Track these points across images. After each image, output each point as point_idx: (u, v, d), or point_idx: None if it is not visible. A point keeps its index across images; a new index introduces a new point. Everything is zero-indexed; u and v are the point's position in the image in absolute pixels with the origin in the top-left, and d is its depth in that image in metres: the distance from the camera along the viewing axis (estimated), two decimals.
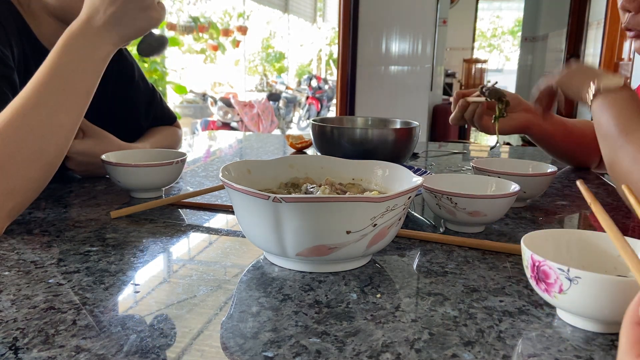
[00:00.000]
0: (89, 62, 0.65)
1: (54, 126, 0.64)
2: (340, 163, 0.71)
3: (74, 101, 0.66)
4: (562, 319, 0.48)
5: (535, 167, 0.91)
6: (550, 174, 0.84)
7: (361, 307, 0.49)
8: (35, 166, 0.65)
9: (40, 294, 0.50)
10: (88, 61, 0.65)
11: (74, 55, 0.64)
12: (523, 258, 0.50)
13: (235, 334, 0.44)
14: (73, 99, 0.66)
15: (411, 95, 3.73)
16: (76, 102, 0.66)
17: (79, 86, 0.65)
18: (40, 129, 0.63)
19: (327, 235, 0.52)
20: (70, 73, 0.64)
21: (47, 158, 0.66)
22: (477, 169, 0.87)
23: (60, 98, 0.65)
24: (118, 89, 1.02)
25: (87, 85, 0.66)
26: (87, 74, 0.65)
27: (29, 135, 0.63)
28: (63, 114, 0.65)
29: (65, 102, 0.65)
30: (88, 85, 0.66)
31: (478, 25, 9.13)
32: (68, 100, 0.65)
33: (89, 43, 0.64)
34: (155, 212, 0.78)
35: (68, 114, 0.66)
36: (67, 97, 0.65)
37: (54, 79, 0.64)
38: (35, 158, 0.64)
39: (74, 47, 0.64)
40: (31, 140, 0.63)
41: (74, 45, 0.64)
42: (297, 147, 1.38)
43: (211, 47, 8.88)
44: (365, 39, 3.68)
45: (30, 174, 0.64)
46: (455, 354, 0.41)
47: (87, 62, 0.65)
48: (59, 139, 0.66)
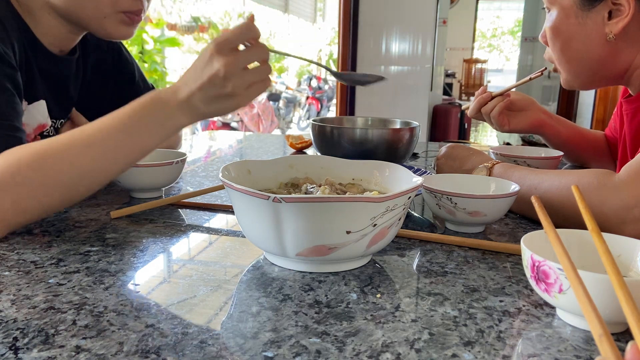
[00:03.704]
0: (159, 128, 0.64)
1: (95, 171, 0.64)
2: (340, 163, 0.71)
3: (128, 156, 0.65)
4: (562, 319, 0.48)
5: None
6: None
7: (361, 307, 0.49)
8: (58, 198, 0.64)
9: (40, 294, 0.50)
10: (159, 127, 0.64)
11: (149, 117, 0.64)
12: (523, 258, 0.50)
13: (235, 334, 0.44)
14: (128, 154, 0.65)
15: (411, 95, 3.73)
16: (130, 157, 0.66)
17: (139, 145, 0.65)
18: (81, 169, 0.63)
19: (327, 235, 0.52)
20: (137, 131, 0.64)
21: (73, 196, 0.65)
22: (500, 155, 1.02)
23: (116, 149, 0.64)
24: (119, 90, 1.02)
25: (147, 147, 0.65)
26: (153, 137, 0.65)
27: (68, 171, 0.63)
28: (111, 163, 0.65)
29: (119, 154, 0.64)
30: (148, 148, 0.66)
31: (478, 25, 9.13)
32: (123, 153, 0.65)
33: (168, 111, 0.63)
34: (155, 212, 0.78)
35: (115, 165, 0.65)
36: (124, 151, 0.65)
37: (119, 131, 0.63)
38: (63, 192, 0.64)
39: (152, 110, 0.64)
40: (67, 176, 0.63)
41: (152, 108, 0.64)
42: (297, 147, 1.38)
43: None
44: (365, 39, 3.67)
45: (51, 203, 0.64)
46: (455, 354, 0.41)
47: (157, 127, 0.64)
48: (93, 184, 0.66)
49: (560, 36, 0.88)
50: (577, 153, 1.19)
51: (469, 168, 0.87)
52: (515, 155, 1.03)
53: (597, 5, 0.83)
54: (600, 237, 0.46)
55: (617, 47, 0.85)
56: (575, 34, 0.86)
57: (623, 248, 0.53)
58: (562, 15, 0.87)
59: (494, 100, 1.11)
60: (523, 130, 1.16)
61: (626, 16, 0.81)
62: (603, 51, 0.85)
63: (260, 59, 0.63)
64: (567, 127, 1.17)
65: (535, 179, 0.75)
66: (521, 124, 1.13)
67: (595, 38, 0.85)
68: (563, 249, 0.44)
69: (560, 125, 1.16)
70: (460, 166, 0.90)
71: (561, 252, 0.43)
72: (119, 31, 0.83)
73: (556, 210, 0.69)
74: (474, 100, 1.14)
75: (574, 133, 1.18)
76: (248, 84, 0.62)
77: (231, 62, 0.60)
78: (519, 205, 0.76)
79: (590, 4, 0.83)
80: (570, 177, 0.71)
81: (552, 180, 0.73)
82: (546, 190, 0.73)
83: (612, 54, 0.86)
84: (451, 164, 0.91)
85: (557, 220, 0.52)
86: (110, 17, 0.80)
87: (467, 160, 0.89)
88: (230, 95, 0.62)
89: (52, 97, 0.87)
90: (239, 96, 0.62)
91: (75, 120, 0.94)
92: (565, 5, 0.86)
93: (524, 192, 0.74)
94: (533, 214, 0.60)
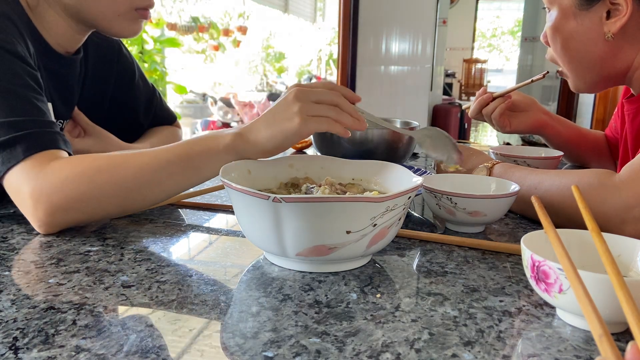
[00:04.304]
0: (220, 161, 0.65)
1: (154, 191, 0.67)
2: (340, 163, 0.71)
3: (190, 183, 0.68)
4: (562, 319, 0.48)
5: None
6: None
7: (361, 307, 0.49)
8: (114, 206, 0.67)
9: (40, 294, 0.50)
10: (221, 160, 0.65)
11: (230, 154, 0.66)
12: (523, 258, 0.50)
13: (235, 334, 0.44)
14: (191, 181, 0.68)
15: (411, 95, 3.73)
16: (191, 183, 0.68)
17: (203, 174, 0.67)
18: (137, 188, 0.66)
19: (327, 235, 0.52)
20: (202, 162, 0.66)
21: (127, 207, 0.68)
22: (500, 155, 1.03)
23: (180, 175, 0.66)
24: (118, 89, 1.02)
25: (207, 176, 0.67)
26: (214, 167, 0.66)
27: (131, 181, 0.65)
28: (170, 186, 0.67)
29: (181, 180, 0.67)
30: (207, 176, 0.67)
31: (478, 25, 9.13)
32: (185, 180, 0.67)
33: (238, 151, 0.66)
34: (155, 212, 0.78)
35: (175, 187, 0.68)
36: (186, 178, 0.67)
37: (186, 159, 0.66)
38: (119, 202, 0.66)
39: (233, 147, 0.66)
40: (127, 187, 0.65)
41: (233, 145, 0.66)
42: (297, 147, 1.38)
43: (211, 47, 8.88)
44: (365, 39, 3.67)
45: (107, 210, 0.67)
46: (455, 354, 0.41)
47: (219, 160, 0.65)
48: (141, 205, 0.69)
49: (560, 36, 0.88)
50: (577, 153, 1.19)
51: (468, 168, 0.87)
52: (515, 155, 1.03)
53: (595, 5, 0.83)
54: (600, 237, 0.46)
55: (616, 46, 0.85)
56: (574, 34, 0.86)
57: (623, 248, 0.53)
58: (561, 15, 0.87)
59: (495, 101, 1.11)
60: (524, 131, 1.16)
61: (624, 16, 0.81)
62: (602, 51, 0.86)
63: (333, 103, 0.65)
64: (567, 128, 1.17)
65: (535, 179, 0.75)
66: (522, 125, 1.13)
67: (593, 38, 0.85)
68: (563, 249, 0.44)
69: (560, 126, 1.16)
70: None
71: (561, 252, 0.43)
72: (130, 28, 0.83)
73: (556, 210, 0.69)
74: (475, 102, 1.14)
75: (575, 133, 1.18)
76: (314, 113, 0.64)
77: (306, 96, 0.64)
78: (519, 205, 0.76)
79: (588, 4, 0.83)
80: (570, 177, 0.71)
81: (553, 180, 0.73)
82: (546, 190, 0.73)
83: (612, 54, 0.86)
84: None
85: (557, 220, 0.52)
86: (123, 15, 0.81)
87: (467, 161, 0.89)
88: (296, 114, 0.63)
89: (58, 97, 0.87)
90: (302, 118, 0.63)
91: (76, 118, 0.93)
92: (564, 5, 0.86)
93: (524, 192, 0.74)
94: (533, 214, 0.60)
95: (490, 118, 1.12)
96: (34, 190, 0.63)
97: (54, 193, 0.63)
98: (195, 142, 0.67)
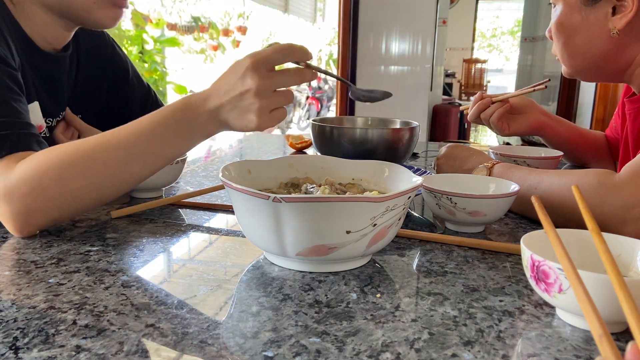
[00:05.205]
0: (187, 134, 0.65)
1: (124, 174, 0.65)
2: (340, 163, 0.71)
3: (157, 160, 0.67)
4: (561, 319, 0.48)
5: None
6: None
7: (361, 307, 0.49)
8: (88, 199, 0.66)
9: (40, 294, 0.50)
10: (187, 132, 0.65)
11: (179, 122, 0.65)
12: (523, 258, 0.50)
13: (235, 334, 0.44)
14: (157, 158, 0.66)
15: (411, 95, 3.73)
16: (158, 161, 0.67)
17: (168, 149, 0.66)
18: (111, 171, 0.64)
19: (327, 235, 0.52)
20: (167, 135, 0.65)
21: (101, 197, 0.67)
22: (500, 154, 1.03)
23: (146, 152, 0.65)
24: (112, 87, 1.02)
25: (176, 151, 0.66)
26: (182, 142, 0.65)
27: (99, 172, 0.64)
28: (140, 167, 0.66)
29: (149, 158, 0.66)
30: (177, 152, 0.66)
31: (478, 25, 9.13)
32: (152, 157, 0.66)
33: (197, 117, 0.64)
34: (155, 212, 0.78)
35: (144, 169, 0.67)
36: (153, 154, 0.66)
37: (149, 135, 0.65)
38: (92, 194, 0.65)
39: (181, 115, 0.65)
40: (98, 177, 0.64)
41: (182, 114, 0.65)
42: (297, 147, 1.38)
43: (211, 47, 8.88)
44: (365, 39, 3.68)
45: (80, 204, 0.66)
46: (455, 354, 0.41)
47: (186, 133, 0.65)
48: (122, 187, 0.67)
49: (564, 31, 0.88)
50: (577, 153, 1.19)
51: (469, 168, 0.87)
52: (515, 155, 1.03)
53: (600, 1, 0.83)
54: (600, 237, 0.46)
55: (621, 43, 0.85)
56: (578, 29, 0.86)
57: (623, 248, 0.53)
58: (567, 11, 0.87)
59: (493, 105, 1.11)
60: (523, 133, 1.16)
61: (630, 12, 0.81)
62: (606, 47, 0.86)
63: (295, 83, 0.63)
64: (567, 128, 1.17)
65: (535, 179, 0.75)
66: (521, 127, 1.13)
67: (598, 33, 0.85)
68: (563, 249, 0.44)
69: (560, 126, 1.16)
70: (461, 166, 0.90)
71: (561, 252, 0.43)
72: (107, 16, 0.82)
73: (556, 210, 0.69)
74: (474, 106, 1.14)
75: (574, 133, 1.18)
76: (273, 107, 0.62)
77: (265, 83, 0.61)
78: (519, 205, 0.76)
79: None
80: (570, 177, 0.71)
81: (552, 180, 0.73)
82: (546, 190, 0.73)
83: (616, 50, 0.86)
84: (451, 164, 0.91)
85: (557, 220, 0.52)
86: (99, 2, 0.80)
87: (467, 160, 0.89)
88: (255, 114, 0.62)
89: (46, 95, 0.86)
90: (262, 118, 0.62)
91: (70, 121, 0.93)
92: (569, 1, 0.86)
93: (524, 192, 0.74)
94: (533, 214, 0.60)
95: (489, 122, 1.12)
96: (4, 194, 0.62)
97: (23, 195, 0.62)
98: (165, 116, 0.65)
